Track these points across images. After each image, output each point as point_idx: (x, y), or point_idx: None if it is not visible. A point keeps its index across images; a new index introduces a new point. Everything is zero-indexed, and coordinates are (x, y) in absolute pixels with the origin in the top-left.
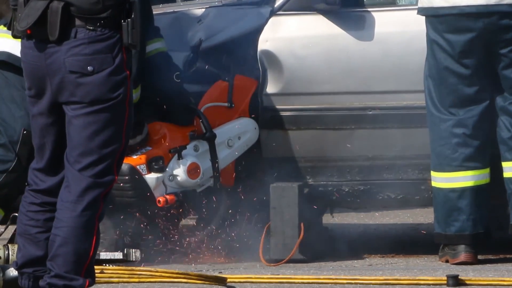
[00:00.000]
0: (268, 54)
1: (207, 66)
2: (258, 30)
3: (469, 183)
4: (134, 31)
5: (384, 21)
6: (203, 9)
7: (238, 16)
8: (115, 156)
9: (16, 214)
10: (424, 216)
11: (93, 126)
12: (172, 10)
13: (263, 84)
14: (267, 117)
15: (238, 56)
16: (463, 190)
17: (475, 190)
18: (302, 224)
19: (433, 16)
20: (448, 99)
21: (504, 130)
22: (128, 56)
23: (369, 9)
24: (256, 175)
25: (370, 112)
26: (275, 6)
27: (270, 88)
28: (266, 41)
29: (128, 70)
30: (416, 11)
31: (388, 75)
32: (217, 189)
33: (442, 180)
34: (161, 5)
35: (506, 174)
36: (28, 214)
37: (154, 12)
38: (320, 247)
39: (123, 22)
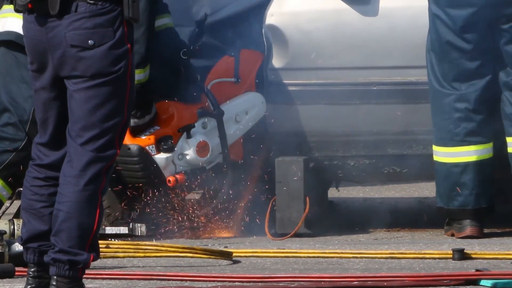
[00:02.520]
0: (273, 28)
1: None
2: (264, 4)
3: (472, 158)
4: (135, 5)
5: None
6: None
7: None
8: (117, 130)
9: (21, 189)
10: (429, 190)
11: (95, 100)
12: None
13: (268, 58)
14: (273, 91)
15: (244, 31)
16: (466, 165)
17: (478, 165)
18: (307, 198)
19: None
20: (450, 74)
21: (507, 105)
22: (129, 29)
23: None
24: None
25: (375, 88)
26: None
27: (276, 63)
28: (272, 15)
29: (129, 43)
30: None
31: (392, 50)
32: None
33: (445, 154)
34: None
35: (510, 149)
36: (32, 188)
37: None
38: (326, 221)
39: None
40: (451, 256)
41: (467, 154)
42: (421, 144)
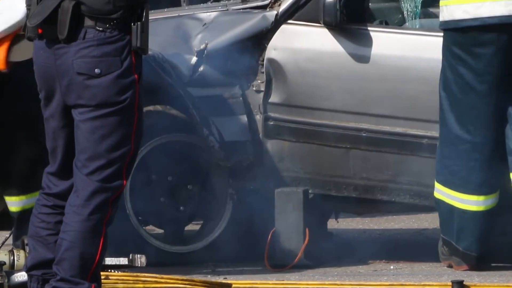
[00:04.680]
0: (274, 62)
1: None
2: (264, 34)
3: (481, 208)
4: (144, 35)
5: (386, 43)
6: (209, 13)
7: (243, 19)
8: (124, 161)
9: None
10: (429, 222)
11: (101, 130)
12: (177, 14)
13: (267, 92)
14: (270, 126)
15: (243, 60)
16: (474, 213)
17: (486, 214)
18: (307, 230)
19: (454, 29)
20: (466, 117)
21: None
22: (137, 60)
23: (374, 29)
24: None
25: (365, 134)
26: (280, 10)
27: (274, 98)
28: (274, 49)
29: (137, 74)
30: (419, 36)
31: (383, 99)
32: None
33: (454, 198)
34: (166, 9)
35: None
36: (40, 216)
37: (159, 16)
38: (325, 252)
39: (133, 25)
40: (450, 287)
41: (476, 203)
42: (408, 194)
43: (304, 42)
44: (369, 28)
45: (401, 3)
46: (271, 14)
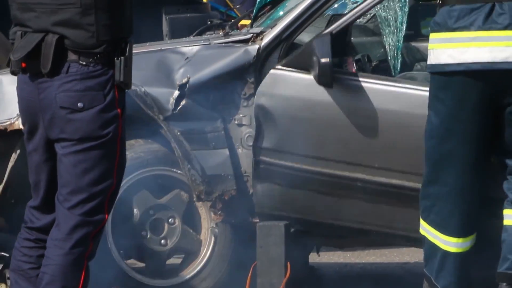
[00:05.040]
0: (264, 109)
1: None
2: (246, 68)
3: (460, 250)
4: (127, 70)
5: (380, 96)
6: (191, 47)
7: (226, 53)
8: (106, 195)
9: (4, 254)
10: (410, 256)
11: (83, 164)
12: (159, 48)
13: (258, 137)
14: (261, 169)
15: (225, 94)
16: (454, 255)
17: (465, 256)
18: (288, 263)
19: (439, 73)
20: (448, 162)
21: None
22: (120, 94)
23: (367, 80)
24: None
25: (360, 184)
26: (262, 44)
27: (265, 143)
28: (263, 95)
29: (120, 108)
30: (413, 91)
31: (377, 151)
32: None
33: (437, 238)
34: (148, 43)
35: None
36: (22, 249)
37: (141, 50)
38: (307, 286)
39: (116, 59)
40: None
41: (455, 245)
42: (403, 240)
43: (295, 90)
44: (361, 79)
45: (383, 37)
46: (253, 48)
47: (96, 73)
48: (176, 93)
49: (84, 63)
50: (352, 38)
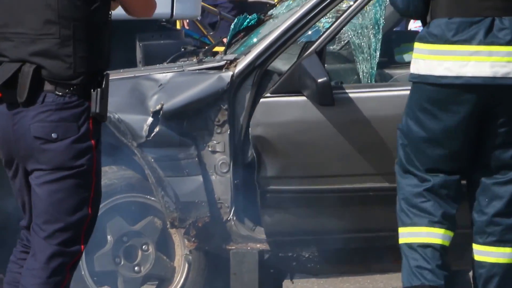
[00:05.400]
0: (261, 139)
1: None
2: (219, 94)
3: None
4: (103, 102)
5: (374, 102)
6: (164, 74)
7: (199, 80)
8: (82, 226)
9: None
10: (384, 283)
11: (57, 194)
12: (133, 75)
13: (259, 168)
14: (268, 199)
15: (198, 121)
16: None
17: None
18: None
19: (432, 84)
20: (427, 167)
21: (478, 212)
22: (95, 126)
23: (356, 90)
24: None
25: (372, 193)
26: (236, 71)
27: (269, 172)
28: (258, 125)
29: (94, 140)
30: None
31: (383, 158)
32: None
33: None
34: (122, 70)
35: (475, 257)
36: (19, 262)
37: (115, 77)
38: None
39: (93, 91)
40: None
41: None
42: None
43: (290, 115)
44: (352, 90)
45: (357, 64)
46: (227, 75)
47: (71, 104)
48: (150, 119)
49: (60, 93)
50: (325, 65)
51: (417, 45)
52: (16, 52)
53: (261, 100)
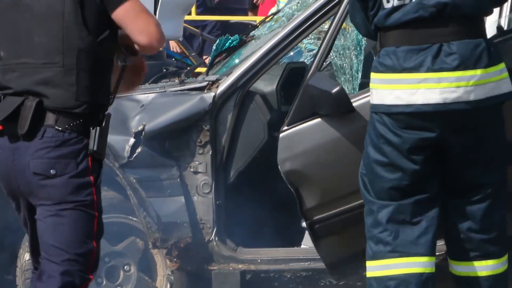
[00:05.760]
0: (293, 173)
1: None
2: (201, 115)
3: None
4: (101, 140)
5: None
6: (146, 95)
7: (181, 101)
8: (89, 259)
9: None
10: None
11: (62, 226)
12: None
13: (300, 202)
14: (318, 229)
15: (180, 141)
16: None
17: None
18: None
19: (383, 113)
20: (386, 195)
21: (456, 230)
22: (94, 164)
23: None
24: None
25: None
26: (218, 92)
27: (309, 203)
28: (286, 161)
29: (92, 176)
30: None
31: None
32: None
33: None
34: None
35: (457, 273)
36: None
37: None
38: None
39: (92, 129)
40: None
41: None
42: None
43: (311, 140)
44: (363, 96)
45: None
46: (209, 96)
47: (71, 142)
48: (132, 140)
49: (60, 128)
50: None
51: (371, 75)
52: (20, 82)
53: (280, 135)
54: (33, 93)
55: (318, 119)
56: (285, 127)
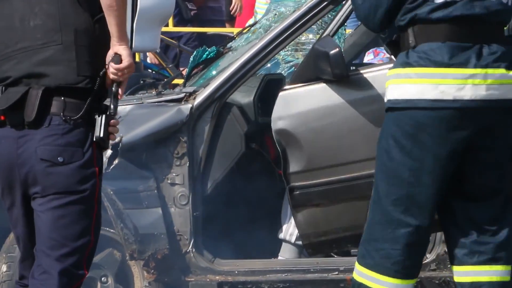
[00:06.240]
0: (283, 132)
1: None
2: (179, 127)
3: None
4: (106, 128)
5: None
6: (123, 106)
7: (158, 112)
8: (84, 252)
9: None
10: None
11: (62, 219)
12: None
13: (285, 164)
14: (297, 196)
15: (157, 153)
16: None
17: None
18: None
19: (423, 108)
20: (412, 200)
21: (464, 233)
22: (98, 153)
23: (372, 69)
24: None
25: None
26: (195, 103)
27: (294, 167)
28: (279, 119)
29: (98, 167)
30: None
31: None
32: None
33: (384, 284)
34: None
35: (463, 279)
36: None
37: None
38: None
39: (98, 116)
40: None
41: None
42: None
43: (309, 103)
44: (367, 70)
45: None
46: (186, 107)
47: (77, 130)
48: (109, 152)
49: (67, 116)
50: None
51: (399, 70)
52: (20, 67)
53: (280, 93)
54: (34, 75)
55: (318, 85)
56: (286, 86)
